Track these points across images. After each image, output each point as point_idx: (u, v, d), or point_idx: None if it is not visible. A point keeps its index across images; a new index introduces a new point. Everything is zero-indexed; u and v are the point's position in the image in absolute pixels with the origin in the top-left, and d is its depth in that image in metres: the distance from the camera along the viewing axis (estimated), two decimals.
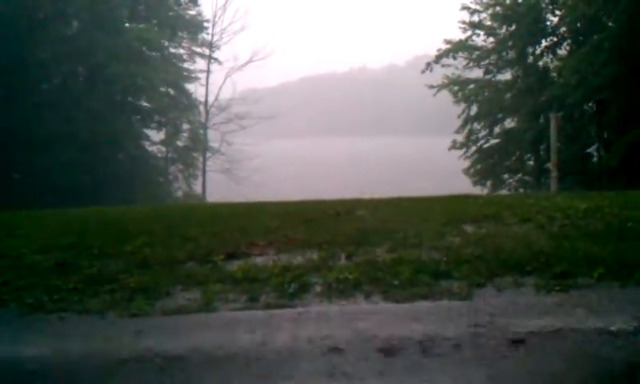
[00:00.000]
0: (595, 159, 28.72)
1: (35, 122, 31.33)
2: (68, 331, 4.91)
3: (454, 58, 35.46)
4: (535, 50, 34.87)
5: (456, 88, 36.02)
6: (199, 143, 41.59)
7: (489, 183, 36.04)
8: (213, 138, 42.53)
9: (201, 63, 42.70)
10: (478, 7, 35.22)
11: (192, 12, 41.48)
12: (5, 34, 30.36)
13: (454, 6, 36.23)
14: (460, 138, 36.70)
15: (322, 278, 5.91)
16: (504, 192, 32.82)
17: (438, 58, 35.57)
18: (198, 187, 41.37)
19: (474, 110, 36.36)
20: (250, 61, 43.70)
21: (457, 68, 35.98)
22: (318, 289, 5.68)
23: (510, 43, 34.97)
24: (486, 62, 35.93)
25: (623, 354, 4.24)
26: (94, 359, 4.37)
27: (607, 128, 26.24)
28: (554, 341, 4.35)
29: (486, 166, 36.43)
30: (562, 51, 33.84)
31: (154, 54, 37.96)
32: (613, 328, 4.54)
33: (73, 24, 35.82)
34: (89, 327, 4.99)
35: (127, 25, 37.92)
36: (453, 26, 36.31)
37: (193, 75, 42.22)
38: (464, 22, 35.32)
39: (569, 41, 33.10)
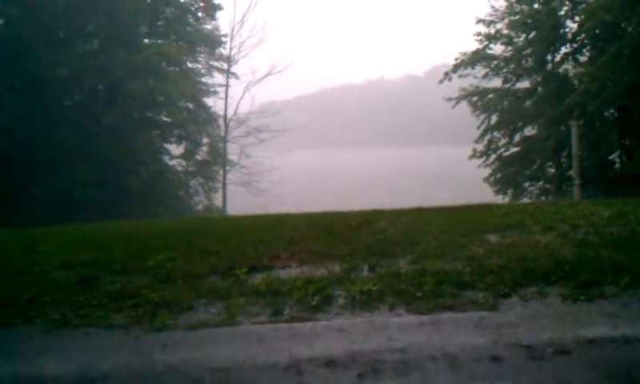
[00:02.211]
0: (617, 166, 28.46)
1: (56, 139, 31.68)
2: (93, 347, 4.92)
3: (473, 68, 35.34)
4: (554, 57, 34.69)
5: (475, 98, 35.87)
6: (219, 157, 41.78)
7: (510, 192, 35.79)
8: (232, 151, 42.67)
9: (219, 77, 42.99)
10: (493, 18, 35.15)
11: (210, 27, 41.81)
12: (25, 53, 30.76)
13: (471, 15, 36.22)
14: (480, 147, 36.52)
15: (345, 290, 5.89)
16: (525, 200, 32.58)
17: (456, 69, 35.48)
18: (218, 200, 41.50)
19: (493, 119, 36.17)
20: (268, 74, 43.80)
21: (475, 77, 35.84)
22: (342, 301, 5.66)
23: (528, 51, 34.79)
24: (505, 70, 35.76)
25: None
26: (119, 374, 4.37)
27: (629, 134, 25.99)
28: (583, 351, 4.30)
29: (506, 174, 36.20)
30: (582, 58, 33.61)
31: (172, 69, 38.23)
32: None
33: (92, 41, 36.24)
34: (114, 342, 5.00)
35: (146, 41, 38.30)
36: (471, 35, 36.12)
37: (211, 89, 42.48)
38: (480, 34, 35.25)
39: (588, 47, 32.87)
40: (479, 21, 35.10)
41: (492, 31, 35.33)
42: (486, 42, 35.34)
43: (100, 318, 5.51)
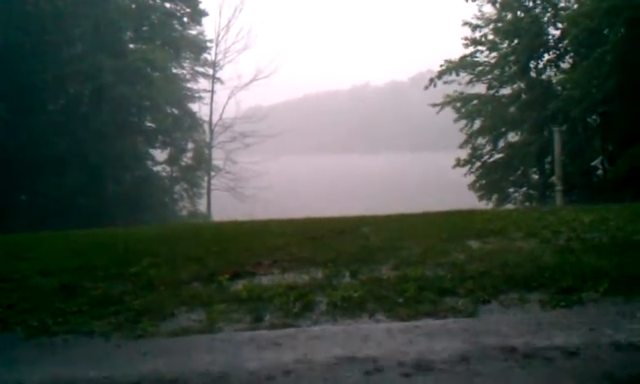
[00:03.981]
0: (600, 172, 28.66)
1: (41, 143, 31.48)
2: (73, 354, 4.90)
3: (457, 74, 35.43)
4: (538, 63, 34.87)
5: (459, 104, 35.97)
6: (204, 162, 41.68)
7: (494, 198, 35.90)
8: (217, 156, 42.59)
9: (204, 83, 42.93)
10: (479, 23, 35.27)
11: (195, 32, 41.75)
12: (11, 58, 30.58)
13: (456, 22, 36.25)
14: (464, 153, 36.59)
15: (326, 296, 5.90)
16: (509, 206, 32.72)
17: (441, 75, 35.57)
18: (202, 206, 41.39)
19: (477, 124, 36.27)
20: (253, 79, 43.80)
21: (460, 84, 35.95)
22: (323, 308, 5.67)
23: (512, 58, 34.96)
24: (489, 76, 35.90)
25: (630, 369, 4.20)
26: (96, 383, 4.35)
27: (612, 141, 26.17)
28: (558, 358, 4.32)
29: (490, 180, 36.30)
30: (565, 64, 33.81)
31: (157, 74, 38.10)
32: (617, 342, 4.52)
33: (77, 46, 36.04)
34: (94, 350, 4.98)
35: (131, 46, 38.19)
36: (456, 42, 36.26)
37: (196, 95, 42.44)
38: (466, 38, 35.35)
39: (571, 54, 33.09)
40: (465, 23, 35.18)
41: (477, 35, 35.44)
42: (471, 47, 35.45)
43: (80, 325, 5.48)
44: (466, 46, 35.53)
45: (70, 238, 11.74)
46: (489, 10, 35.21)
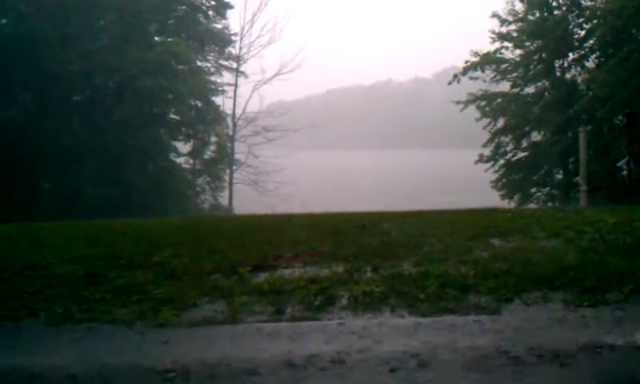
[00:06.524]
0: (625, 173, 28.27)
1: (65, 134, 31.84)
2: (96, 341, 4.95)
3: (482, 71, 35.19)
4: (563, 63, 34.55)
5: (483, 103, 35.72)
6: (226, 155, 41.85)
7: (517, 197, 35.65)
8: (240, 150, 42.73)
9: (228, 76, 43.05)
10: (508, 17, 34.97)
11: (220, 26, 41.89)
12: (37, 48, 30.90)
13: (481, 20, 36.06)
14: (487, 151, 36.36)
15: (348, 291, 5.90)
16: (532, 206, 32.48)
17: (466, 71, 35.33)
18: (224, 199, 41.57)
19: (500, 123, 36.00)
20: (277, 74, 43.82)
21: (484, 81, 35.71)
22: (344, 302, 5.67)
23: (537, 57, 34.67)
24: (514, 74, 35.63)
25: None
26: (120, 369, 4.39)
27: (637, 141, 25.79)
28: (582, 357, 4.29)
29: (513, 179, 36.06)
30: (590, 64, 33.46)
31: (182, 67, 38.29)
32: None
33: (103, 38, 36.33)
34: (116, 337, 5.03)
35: (157, 38, 38.40)
36: (480, 40, 36.05)
37: (220, 88, 42.57)
38: (494, 32, 35.08)
39: (597, 53, 32.74)
40: (494, 15, 34.88)
41: (504, 30, 35.16)
42: (497, 42, 35.19)
43: (103, 313, 5.53)
44: (493, 40, 35.30)
45: (94, 227, 11.84)
46: (518, 5, 34.96)
